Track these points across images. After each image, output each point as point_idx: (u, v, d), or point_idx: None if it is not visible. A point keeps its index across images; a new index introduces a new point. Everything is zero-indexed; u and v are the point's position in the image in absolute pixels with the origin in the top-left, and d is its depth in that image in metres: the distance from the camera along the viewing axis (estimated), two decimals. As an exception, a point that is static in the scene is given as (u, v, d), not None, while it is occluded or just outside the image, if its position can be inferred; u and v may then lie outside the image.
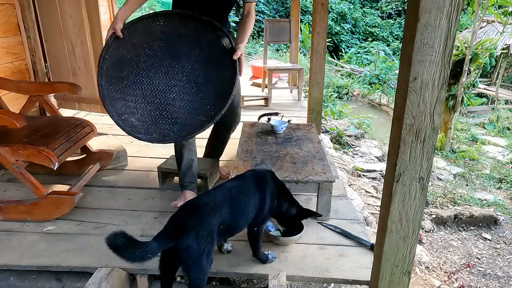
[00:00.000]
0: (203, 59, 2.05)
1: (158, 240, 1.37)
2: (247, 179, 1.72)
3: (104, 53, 2.01)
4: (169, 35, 2.08)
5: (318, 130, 3.60)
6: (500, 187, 4.86)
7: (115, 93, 2.00)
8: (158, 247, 1.35)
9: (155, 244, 1.35)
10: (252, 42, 11.41)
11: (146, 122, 1.97)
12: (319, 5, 3.23)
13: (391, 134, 1.30)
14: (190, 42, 2.07)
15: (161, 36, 2.08)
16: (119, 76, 2.03)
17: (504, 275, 3.00)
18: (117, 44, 2.03)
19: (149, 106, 2.00)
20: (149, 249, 1.32)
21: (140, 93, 2.02)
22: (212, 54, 2.04)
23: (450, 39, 1.11)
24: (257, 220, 1.70)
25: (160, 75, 2.05)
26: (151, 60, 2.06)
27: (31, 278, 1.77)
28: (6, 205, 2.10)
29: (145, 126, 1.95)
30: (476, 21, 5.67)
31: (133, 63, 2.05)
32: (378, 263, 1.44)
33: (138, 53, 2.06)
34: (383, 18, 15.50)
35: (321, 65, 3.40)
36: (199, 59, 2.05)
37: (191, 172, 2.29)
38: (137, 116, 1.98)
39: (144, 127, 1.95)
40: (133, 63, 2.05)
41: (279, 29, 4.97)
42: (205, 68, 2.04)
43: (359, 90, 9.41)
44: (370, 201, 3.68)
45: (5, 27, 2.99)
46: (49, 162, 1.99)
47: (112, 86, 2.01)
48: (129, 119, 1.96)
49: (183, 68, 2.05)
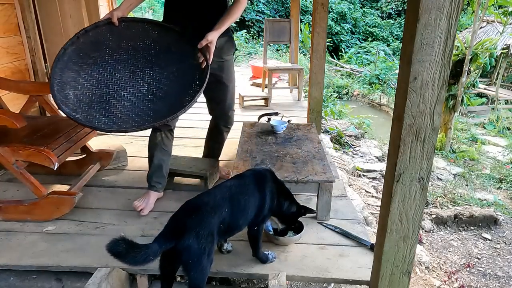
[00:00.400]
0: (174, 79, 2.00)
1: (158, 242, 1.37)
2: (247, 179, 1.72)
3: (90, 29, 2.01)
4: (159, 46, 2.07)
5: (318, 130, 3.61)
6: (500, 187, 4.85)
7: (72, 64, 1.95)
8: (159, 249, 1.35)
9: (156, 246, 1.34)
10: (252, 42, 11.41)
11: (81, 101, 1.89)
12: (319, 5, 3.23)
13: (391, 134, 1.30)
14: (172, 59, 2.05)
15: (151, 44, 2.08)
16: (88, 54, 2.00)
17: (504, 275, 3.00)
18: (107, 30, 2.04)
19: (95, 90, 1.94)
20: (150, 251, 1.32)
21: (96, 76, 1.97)
22: (185, 79, 1.99)
23: (450, 39, 1.11)
24: (257, 219, 1.70)
25: (126, 72, 2.01)
26: (127, 56, 2.04)
27: (31, 278, 1.77)
28: (6, 205, 2.10)
29: (77, 104, 1.87)
30: (476, 21, 5.67)
31: (109, 51, 2.03)
32: (378, 263, 1.44)
33: (120, 46, 2.05)
34: (383, 18, 15.50)
35: (321, 65, 3.40)
36: (170, 77, 2.00)
37: (161, 173, 2.27)
38: (77, 92, 1.90)
39: (75, 104, 1.86)
40: (109, 51, 2.03)
41: (279, 29, 4.97)
42: (170, 87, 1.98)
43: (359, 90, 9.41)
44: (370, 201, 3.68)
45: (5, 27, 2.99)
46: (49, 162, 1.99)
47: (76, 57, 1.97)
48: (66, 89, 1.89)
49: (151, 76, 2.00)
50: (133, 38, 2.08)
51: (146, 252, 1.31)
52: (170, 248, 1.39)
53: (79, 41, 2.00)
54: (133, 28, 2.10)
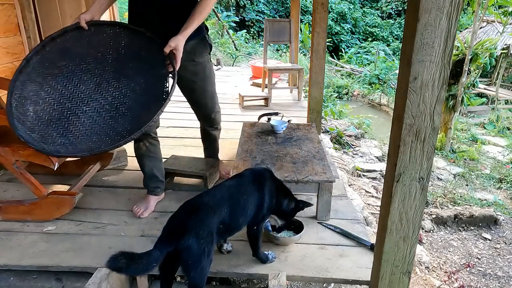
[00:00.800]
0: (140, 92, 1.84)
1: (159, 248, 1.37)
2: (246, 178, 1.72)
3: (57, 36, 1.87)
4: (129, 52, 1.92)
5: (318, 130, 3.60)
6: (500, 187, 4.85)
7: (36, 75, 1.82)
8: (161, 254, 1.35)
9: (157, 252, 1.35)
10: (252, 42, 11.41)
11: (40, 118, 1.76)
12: (319, 5, 3.23)
13: (391, 134, 1.30)
14: (142, 68, 1.88)
15: (121, 50, 1.93)
16: (55, 63, 1.87)
17: (504, 275, 3.00)
18: (76, 35, 1.89)
19: (57, 105, 1.81)
20: (151, 258, 1.32)
21: (60, 89, 1.83)
22: (153, 91, 1.82)
23: (450, 39, 1.11)
24: (256, 219, 1.70)
25: (91, 84, 1.87)
26: (94, 65, 1.90)
27: (31, 278, 1.77)
28: (6, 205, 2.11)
29: (35, 121, 1.75)
30: (476, 21, 5.67)
31: (76, 59, 1.89)
32: (378, 263, 1.44)
33: (89, 53, 1.91)
34: (383, 18, 15.50)
35: (321, 65, 3.40)
36: (137, 90, 1.85)
37: (156, 178, 2.25)
38: (37, 108, 1.77)
39: (33, 122, 1.74)
40: (77, 60, 1.89)
41: (279, 29, 4.97)
42: (135, 101, 1.83)
43: (359, 90, 9.41)
44: (370, 201, 3.68)
45: (5, 27, 2.99)
46: (49, 162, 1.99)
47: (40, 68, 1.84)
48: (26, 105, 1.76)
49: (117, 89, 1.86)
50: (102, 44, 1.93)
51: (148, 260, 1.31)
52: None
53: (45, 49, 1.86)
54: (104, 32, 1.94)
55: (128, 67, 1.90)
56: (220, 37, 9.81)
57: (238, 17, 12.76)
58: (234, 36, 10.09)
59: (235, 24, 11.85)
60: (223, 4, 12.85)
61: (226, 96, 5.00)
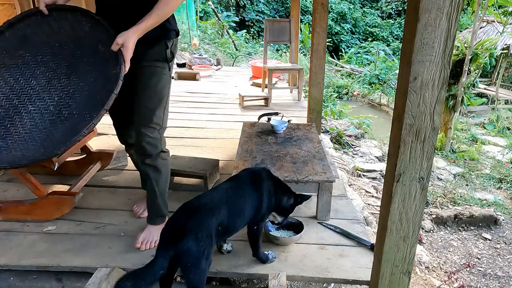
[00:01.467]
0: (87, 93, 1.63)
1: (162, 254, 1.37)
2: (243, 179, 1.72)
3: (15, 21, 1.72)
4: (88, 44, 1.69)
5: (318, 130, 3.61)
6: (500, 187, 4.86)
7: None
8: (165, 260, 1.36)
9: (161, 260, 1.35)
10: (252, 42, 11.42)
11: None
12: (319, 5, 3.23)
13: (391, 134, 1.30)
14: (96, 65, 1.66)
15: (79, 41, 1.70)
16: (12, 53, 1.72)
17: (504, 275, 3.00)
18: (37, 21, 1.71)
19: (4, 101, 1.66)
20: (157, 268, 1.34)
21: (11, 82, 1.68)
22: (100, 93, 1.58)
23: (450, 39, 1.11)
24: (256, 218, 1.70)
25: (43, 80, 1.68)
26: (50, 57, 1.71)
27: (31, 278, 1.77)
28: (6, 205, 2.10)
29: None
30: (476, 21, 5.67)
31: (34, 49, 1.72)
32: (378, 263, 1.44)
33: (48, 43, 1.72)
34: (383, 18, 15.51)
35: (321, 65, 3.40)
36: (84, 90, 1.64)
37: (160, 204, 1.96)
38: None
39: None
40: (34, 49, 1.72)
41: (279, 29, 4.97)
42: (80, 104, 1.62)
43: (359, 90, 9.41)
44: (370, 201, 3.68)
45: (5, 27, 2.99)
46: (49, 162, 1.99)
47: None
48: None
49: (65, 88, 1.66)
50: (63, 32, 1.71)
51: (154, 271, 1.32)
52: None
53: (4, 35, 1.70)
54: (65, 18, 1.71)
55: (83, 62, 1.68)
56: (220, 37, 9.81)
57: (238, 17, 12.77)
58: (234, 36, 10.09)
59: (235, 24, 11.85)
60: (223, 4, 12.86)
61: (226, 96, 5.01)
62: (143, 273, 1.32)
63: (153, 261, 1.35)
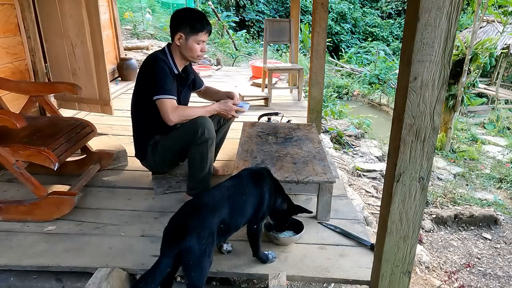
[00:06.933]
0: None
1: (166, 254, 1.38)
2: (245, 178, 1.73)
3: None
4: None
5: (318, 130, 3.60)
6: (500, 187, 4.86)
7: None
8: (170, 260, 1.37)
9: (166, 259, 1.37)
10: (252, 42, 11.41)
11: None
12: (319, 5, 3.23)
13: (391, 134, 1.30)
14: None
15: None
16: None
17: (504, 274, 3.00)
18: None
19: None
20: (163, 267, 1.35)
21: None
22: None
23: (450, 39, 1.11)
24: (256, 217, 1.70)
25: None
26: None
27: (31, 278, 1.77)
28: (6, 206, 2.10)
29: None
30: (476, 21, 5.67)
31: None
32: (378, 263, 1.44)
33: None
34: (383, 18, 15.52)
35: (321, 65, 3.40)
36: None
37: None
38: None
39: None
40: None
41: (279, 29, 4.97)
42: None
43: (359, 90, 9.42)
44: (370, 201, 3.68)
45: (5, 27, 2.99)
46: (50, 163, 1.99)
47: None
48: None
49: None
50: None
51: (160, 270, 1.34)
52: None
53: None
54: None
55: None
56: (220, 37, 9.81)
57: (238, 17, 12.76)
58: (234, 36, 10.08)
59: (235, 24, 11.84)
60: (223, 4, 12.86)
61: (226, 96, 5.00)
62: (152, 275, 1.34)
63: (159, 261, 1.36)
